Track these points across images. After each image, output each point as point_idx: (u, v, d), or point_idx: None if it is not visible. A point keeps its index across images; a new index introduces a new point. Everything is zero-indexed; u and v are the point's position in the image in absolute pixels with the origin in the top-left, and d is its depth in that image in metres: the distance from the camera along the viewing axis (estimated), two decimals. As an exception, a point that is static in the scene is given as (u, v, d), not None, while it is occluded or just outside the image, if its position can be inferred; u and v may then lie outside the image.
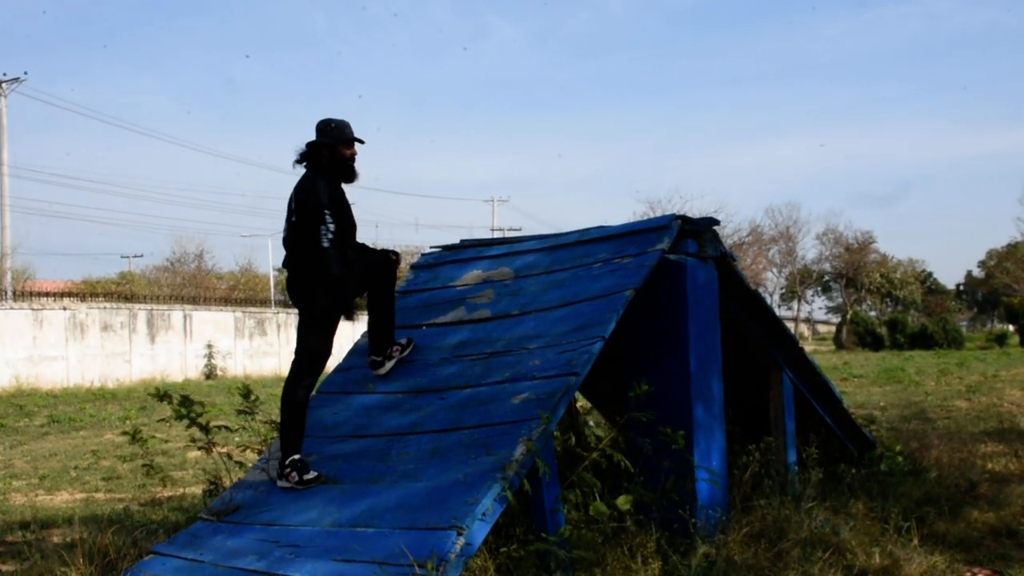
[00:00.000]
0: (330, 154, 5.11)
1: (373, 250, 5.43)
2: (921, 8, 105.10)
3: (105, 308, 26.51)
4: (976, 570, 5.04)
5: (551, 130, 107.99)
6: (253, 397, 5.61)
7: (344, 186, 5.21)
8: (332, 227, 4.93)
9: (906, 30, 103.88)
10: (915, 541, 5.17)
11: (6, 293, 27.48)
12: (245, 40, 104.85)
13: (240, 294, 43.01)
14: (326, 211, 4.93)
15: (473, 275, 6.14)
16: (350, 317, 5.22)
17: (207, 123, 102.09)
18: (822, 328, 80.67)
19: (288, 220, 5.13)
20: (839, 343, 47.05)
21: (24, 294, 27.06)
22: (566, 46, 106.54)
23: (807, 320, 71.42)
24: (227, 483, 5.54)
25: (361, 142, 5.23)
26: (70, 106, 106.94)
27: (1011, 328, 47.93)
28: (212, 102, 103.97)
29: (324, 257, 4.92)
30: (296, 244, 5.08)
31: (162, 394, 5.48)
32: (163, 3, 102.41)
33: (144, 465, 5.66)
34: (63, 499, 8.50)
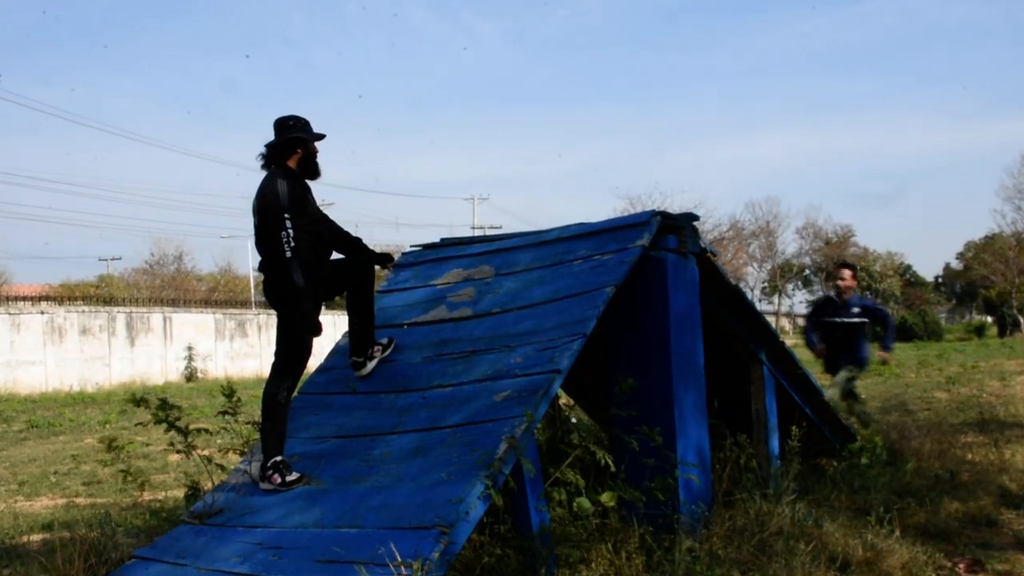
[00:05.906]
0: (304, 150, 5.04)
1: (356, 246, 5.38)
2: (895, 4, 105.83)
3: (84, 311, 26.29)
4: (956, 559, 5.08)
5: (531, 127, 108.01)
6: (236, 398, 5.56)
7: (311, 183, 5.15)
8: (292, 232, 4.82)
9: (881, 24, 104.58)
10: (896, 532, 5.21)
11: (-18, 298, 27.20)
12: (230, 40, 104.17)
13: (220, 296, 42.76)
14: (286, 215, 4.83)
15: (454, 273, 6.12)
16: (316, 333, 4.96)
17: (185, 124, 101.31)
18: (803, 322, 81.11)
19: (253, 224, 5.03)
20: (819, 336, 47.13)
21: (1, 298, 26.79)
22: (545, 43, 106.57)
23: (788, 314, 71.78)
24: (208, 486, 5.50)
25: (323, 137, 5.14)
26: (43, 107, 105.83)
27: (989, 319, 48.47)
28: (195, 103, 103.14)
29: (287, 268, 4.83)
30: (262, 248, 5.03)
31: (139, 399, 5.41)
32: (146, 2, 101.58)
33: (121, 471, 5.60)
34: (43, 505, 8.42)
